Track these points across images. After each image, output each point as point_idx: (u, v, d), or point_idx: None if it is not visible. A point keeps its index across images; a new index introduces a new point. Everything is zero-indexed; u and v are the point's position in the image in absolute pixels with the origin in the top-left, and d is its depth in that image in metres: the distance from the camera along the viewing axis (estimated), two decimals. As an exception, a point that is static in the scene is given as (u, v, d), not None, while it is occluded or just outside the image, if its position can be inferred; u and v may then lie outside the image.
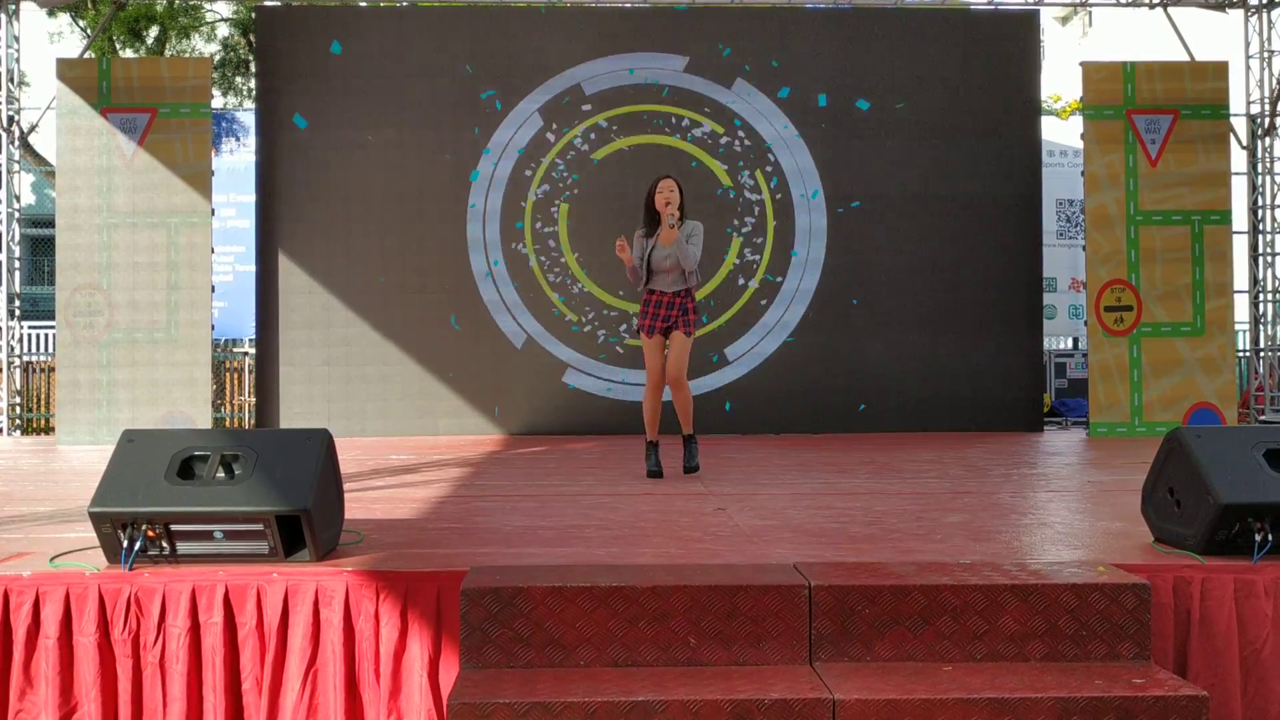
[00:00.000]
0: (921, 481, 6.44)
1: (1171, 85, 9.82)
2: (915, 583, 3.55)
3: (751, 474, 6.86)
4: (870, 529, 4.70)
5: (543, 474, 6.99)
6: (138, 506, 3.71)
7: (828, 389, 10.09)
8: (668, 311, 6.41)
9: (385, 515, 5.07)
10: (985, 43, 10.26)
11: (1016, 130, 10.25)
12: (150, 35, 16.45)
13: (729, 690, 3.25)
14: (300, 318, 9.98)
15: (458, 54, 10.11)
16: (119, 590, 3.64)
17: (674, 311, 6.41)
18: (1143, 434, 9.52)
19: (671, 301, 6.41)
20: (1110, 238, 9.74)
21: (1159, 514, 4.20)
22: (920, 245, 10.15)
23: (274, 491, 3.74)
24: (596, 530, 4.66)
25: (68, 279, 9.60)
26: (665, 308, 6.42)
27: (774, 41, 10.20)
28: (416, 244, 10.03)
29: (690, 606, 3.49)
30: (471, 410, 9.99)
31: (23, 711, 3.62)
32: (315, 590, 3.67)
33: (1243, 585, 3.75)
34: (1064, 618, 3.52)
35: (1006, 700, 3.21)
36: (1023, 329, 10.22)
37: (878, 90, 10.20)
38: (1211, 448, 3.99)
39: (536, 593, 3.48)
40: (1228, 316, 9.77)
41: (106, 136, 9.62)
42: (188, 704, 3.60)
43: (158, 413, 9.48)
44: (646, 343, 6.47)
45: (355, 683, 3.65)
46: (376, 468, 7.26)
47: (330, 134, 10.02)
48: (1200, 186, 9.76)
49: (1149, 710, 3.21)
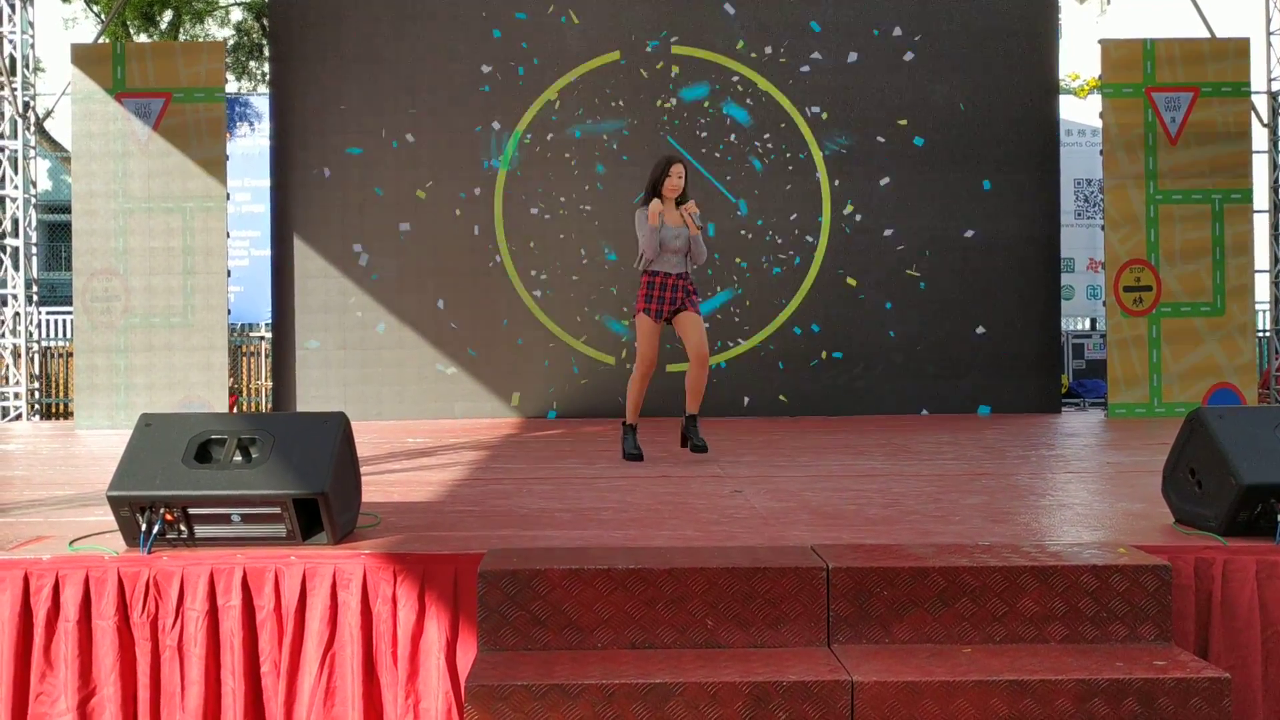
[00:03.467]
0: (939, 463, 6.41)
1: (1191, 63, 9.71)
2: (934, 565, 3.53)
3: (767, 456, 6.84)
4: (888, 511, 4.68)
5: (559, 457, 6.99)
6: (155, 490, 3.71)
7: (843, 371, 10.05)
8: (673, 294, 6.33)
9: (402, 498, 5.08)
10: (1003, 20, 10.16)
11: (1034, 109, 10.16)
12: (164, 20, 16.46)
13: (747, 672, 3.24)
14: (316, 302, 9.99)
15: (474, 37, 10.06)
16: (138, 574, 3.66)
17: (679, 294, 6.34)
18: (1162, 415, 9.46)
19: (676, 284, 6.34)
20: (1129, 217, 9.65)
21: (1180, 495, 4.16)
22: (937, 225, 10.08)
23: (291, 475, 3.74)
24: (613, 513, 4.66)
25: (84, 264, 9.63)
26: (670, 290, 6.33)
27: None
28: (431, 228, 10.01)
29: (708, 589, 3.48)
30: (487, 394, 9.99)
31: (43, 694, 3.64)
32: (333, 573, 3.67)
33: (1265, 566, 3.72)
34: (1084, 599, 3.50)
35: (1026, 682, 3.20)
36: (1041, 310, 10.16)
37: (893, 69, 10.12)
38: (1233, 428, 3.96)
39: (553, 575, 3.47)
40: (1248, 296, 9.68)
41: (121, 122, 9.63)
42: (206, 686, 3.61)
43: (175, 397, 9.52)
44: (649, 327, 6.33)
45: (373, 665, 3.65)
46: (393, 451, 7.27)
47: (345, 118, 10.00)
48: (1221, 165, 9.66)
49: (1170, 692, 3.19)
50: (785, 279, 10.09)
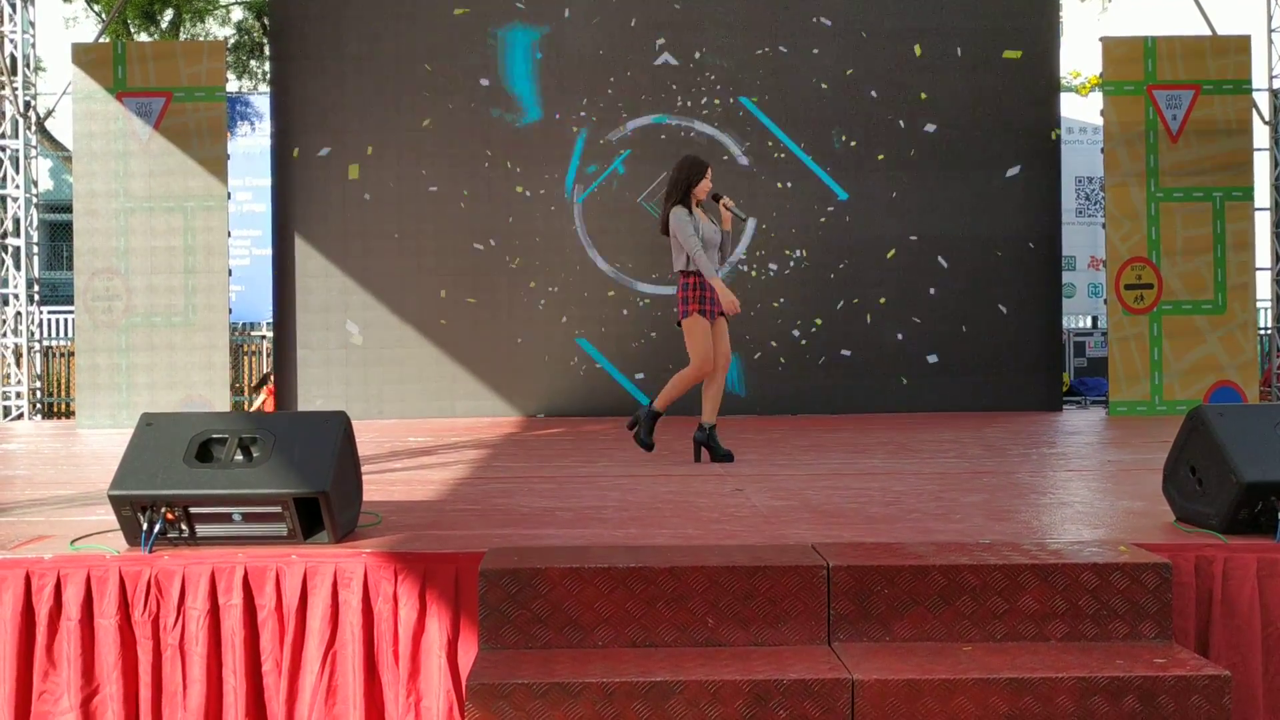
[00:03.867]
0: (940, 461, 6.41)
1: (1193, 60, 9.71)
2: (934, 563, 3.53)
3: (769, 454, 6.84)
4: (889, 509, 4.68)
5: (560, 455, 6.99)
6: (157, 490, 3.72)
7: (844, 368, 10.05)
8: (713, 294, 6.18)
9: (404, 497, 5.08)
10: (1004, 18, 10.15)
11: (1035, 107, 10.15)
12: (165, 19, 16.46)
13: (747, 671, 3.24)
14: (317, 301, 10.00)
15: (474, 36, 10.06)
16: (139, 573, 3.66)
17: (717, 295, 6.21)
18: (1163, 413, 9.45)
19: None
20: (1130, 215, 9.65)
21: (1180, 493, 4.16)
22: (938, 223, 10.08)
23: (292, 474, 3.75)
24: (614, 511, 4.66)
25: (85, 264, 9.64)
26: (710, 289, 6.17)
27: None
28: (433, 227, 10.01)
29: (708, 587, 3.48)
30: (488, 392, 9.99)
31: (46, 692, 3.65)
32: (334, 572, 3.67)
33: (1265, 564, 3.71)
34: (1085, 597, 3.50)
35: (1027, 680, 3.20)
36: (1042, 307, 10.15)
37: (894, 68, 10.12)
38: (1234, 426, 3.95)
39: (554, 574, 3.48)
40: (1249, 294, 9.68)
41: (122, 121, 9.64)
42: (208, 685, 3.62)
43: (176, 396, 9.52)
44: (704, 327, 6.10)
45: (374, 664, 3.66)
46: (394, 450, 7.28)
47: (346, 117, 10.00)
48: (1222, 162, 9.65)
49: (1171, 690, 3.19)
50: (785, 277, 10.09)
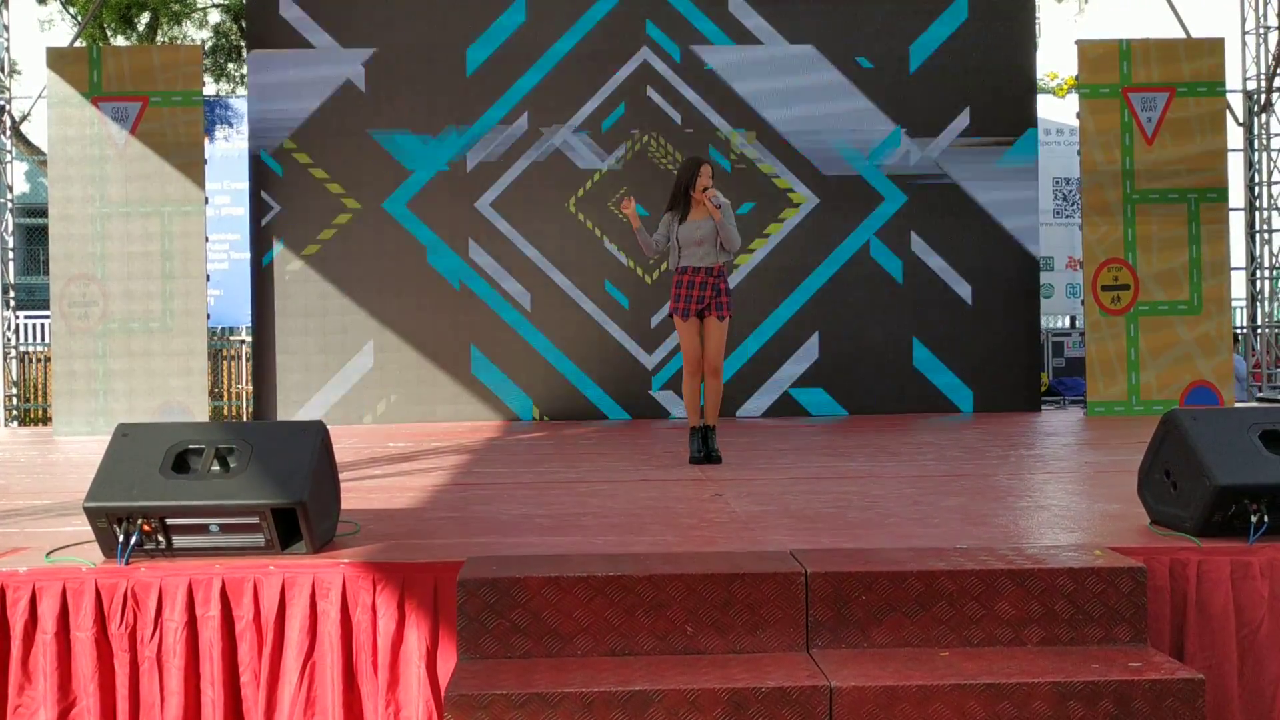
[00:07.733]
0: (919, 464, 6.44)
1: (1167, 62, 9.77)
2: (912, 569, 3.55)
3: (749, 458, 6.85)
4: (867, 514, 4.70)
5: (540, 461, 6.99)
6: (133, 501, 3.70)
7: (823, 370, 10.07)
8: (700, 293, 6.24)
9: (383, 505, 5.07)
10: (982, 20, 10.19)
11: (1012, 108, 10.20)
12: (141, 22, 16.37)
13: (726, 679, 3.25)
14: (296, 305, 9.95)
15: (452, 35, 10.04)
16: (115, 585, 3.64)
17: (707, 293, 6.24)
18: (1140, 413, 9.51)
19: (705, 281, 6.24)
20: (1107, 217, 9.71)
21: (1155, 496, 4.20)
22: (915, 225, 10.11)
23: (269, 484, 3.74)
24: (593, 518, 4.67)
25: (62, 269, 9.57)
26: (699, 288, 6.24)
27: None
28: (413, 229, 9.98)
29: (687, 595, 3.49)
30: (469, 396, 9.97)
31: (21, 706, 3.62)
32: (312, 583, 3.67)
33: (1239, 567, 3.75)
34: (1060, 602, 3.52)
35: (1003, 685, 3.22)
36: (1020, 308, 10.20)
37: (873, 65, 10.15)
38: (1207, 430, 3.99)
39: (533, 583, 3.48)
40: (1225, 294, 9.76)
41: (98, 125, 9.57)
42: (185, 697, 3.60)
43: (154, 403, 9.46)
44: (682, 326, 6.30)
45: (353, 674, 3.65)
46: (374, 456, 7.26)
47: (324, 120, 9.96)
48: (1197, 164, 9.72)
49: (1145, 694, 3.22)
50: (764, 280, 10.10)
